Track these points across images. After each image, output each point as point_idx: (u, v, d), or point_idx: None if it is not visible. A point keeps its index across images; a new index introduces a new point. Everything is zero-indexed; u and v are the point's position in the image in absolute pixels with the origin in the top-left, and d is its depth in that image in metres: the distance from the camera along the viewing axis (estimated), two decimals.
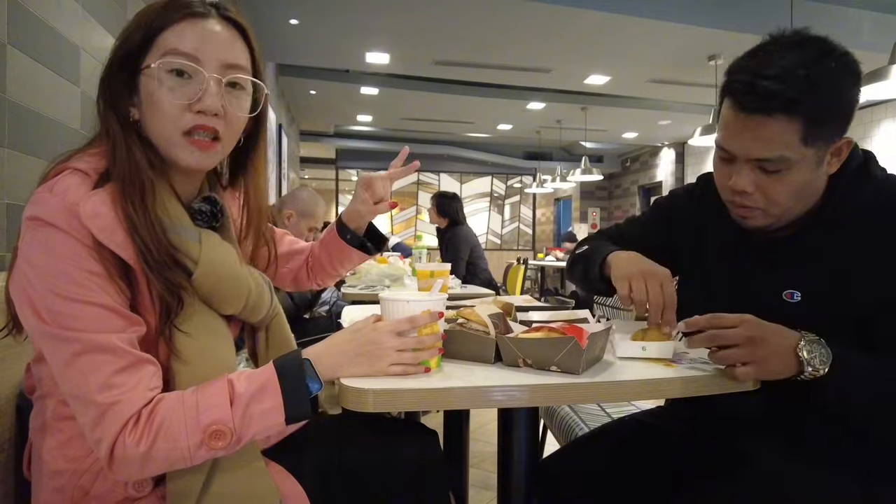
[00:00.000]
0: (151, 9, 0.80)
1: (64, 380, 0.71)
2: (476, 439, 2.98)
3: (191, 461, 0.73)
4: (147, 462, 0.71)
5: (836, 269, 0.93)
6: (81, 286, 0.71)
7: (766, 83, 0.86)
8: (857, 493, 0.91)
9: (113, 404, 0.69)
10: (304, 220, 2.61)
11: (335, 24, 5.18)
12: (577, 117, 8.76)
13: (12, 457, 0.96)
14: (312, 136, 10.61)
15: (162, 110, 0.78)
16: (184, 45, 0.78)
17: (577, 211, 12.48)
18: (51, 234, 0.71)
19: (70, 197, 0.72)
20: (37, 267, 0.71)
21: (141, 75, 0.79)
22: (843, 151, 0.94)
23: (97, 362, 0.70)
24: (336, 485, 0.91)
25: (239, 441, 0.74)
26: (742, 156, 0.92)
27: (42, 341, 0.72)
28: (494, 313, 0.99)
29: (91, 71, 1.91)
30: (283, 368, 0.77)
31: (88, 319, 0.70)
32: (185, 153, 0.80)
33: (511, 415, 0.96)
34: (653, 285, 0.97)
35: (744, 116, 0.89)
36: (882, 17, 5.13)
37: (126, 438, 0.69)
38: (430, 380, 0.84)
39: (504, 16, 4.94)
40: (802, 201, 0.95)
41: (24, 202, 0.75)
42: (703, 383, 0.87)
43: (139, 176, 0.77)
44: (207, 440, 0.72)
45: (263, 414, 0.74)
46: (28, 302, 0.71)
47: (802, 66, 0.86)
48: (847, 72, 0.90)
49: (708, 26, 4.94)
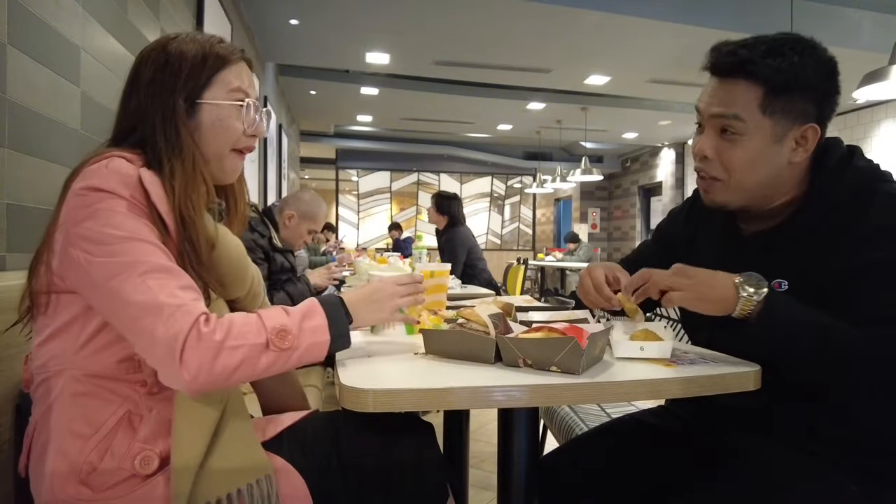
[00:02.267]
0: (206, 51, 0.96)
1: (131, 302, 0.77)
2: (476, 439, 2.98)
3: (256, 364, 0.80)
4: (220, 353, 0.77)
5: (821, 262, 0.94)
6: (138, 230, 0.81)
7: (733, 47, 0.96)
8: (855, 493, 0.91)
9: (181, 305, 0.78)
10: (304, 222, 2.61)
11: (335, 25, 5.18)
12: (577, 117, 8.76)
13: (12, 457, 0.96)
14: (312, 136, 10.62)
15: (228, 133, 0.97)
16: (243, 84, 0.99)
17: (577, 211, 12.48)
18: (106, 197, 0.81)
19: (125, 170, 0.84)
20: (92, 221, 0.80)
21: (202, 103, 0.95)
22: (808, 140, 0.96)
23: (164, 279, 0.79)
24: (335, 480, 0.92)
25: (297, 348, 0.83)
26: (705, 112, 1.00)
27: (102, 276, 0.78)
28: (494, 313, 0.99)
29: (91, 71, 1.91)
30: (322, 300, 0.91)
31: (149, 251, 0.81)
32: (231, 164, 1.00)
33: (511, 415, 0.96)
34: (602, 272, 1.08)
35: (715, 81, 0.99)
36: (882, 17, 5.13)
37: (202, 327, 0.77)
38: (430, 380, 0.85)
39: (504, 16, 4.94)
40: (765, 182, 0.99)
41: (25, 202, 0.76)
42: (702, 383, 0.87)
43: (201, 174, 0.94)
44: (273, 339, 0.81)
45: (314, 329, 0.86)
46: (84, 249, 0.79)
47: (769, 41, 0.95)
48: (814, 58, 0.95)
49: (708, 26, 4.94)
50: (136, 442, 0.84)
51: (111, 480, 0.82)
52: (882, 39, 4.70)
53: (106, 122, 2.07)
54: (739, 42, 0.96)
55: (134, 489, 0.83)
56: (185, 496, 0.81)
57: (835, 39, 5.14)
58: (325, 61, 6.41)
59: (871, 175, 0.97)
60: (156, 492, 0.83)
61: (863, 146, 7.32)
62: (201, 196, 0.92)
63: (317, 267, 2.87)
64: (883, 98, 4.22)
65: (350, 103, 8.36)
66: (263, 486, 0.86)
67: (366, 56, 6.03)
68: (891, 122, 6.91)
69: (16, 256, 1.45)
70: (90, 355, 0.85)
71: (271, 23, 5.09)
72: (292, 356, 0.83)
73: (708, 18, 4.94)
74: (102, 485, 0.82)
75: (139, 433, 0.85)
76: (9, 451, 0.96)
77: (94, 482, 0.82)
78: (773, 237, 1.01)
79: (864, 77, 3.27)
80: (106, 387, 0.85)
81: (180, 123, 0.92)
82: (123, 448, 0.83)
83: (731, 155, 0.97)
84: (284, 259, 2.53)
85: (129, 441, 0.84)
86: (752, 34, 0.99)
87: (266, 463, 0.88)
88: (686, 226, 1.20)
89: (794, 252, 0.98)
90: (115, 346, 0.85)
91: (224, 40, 1.00)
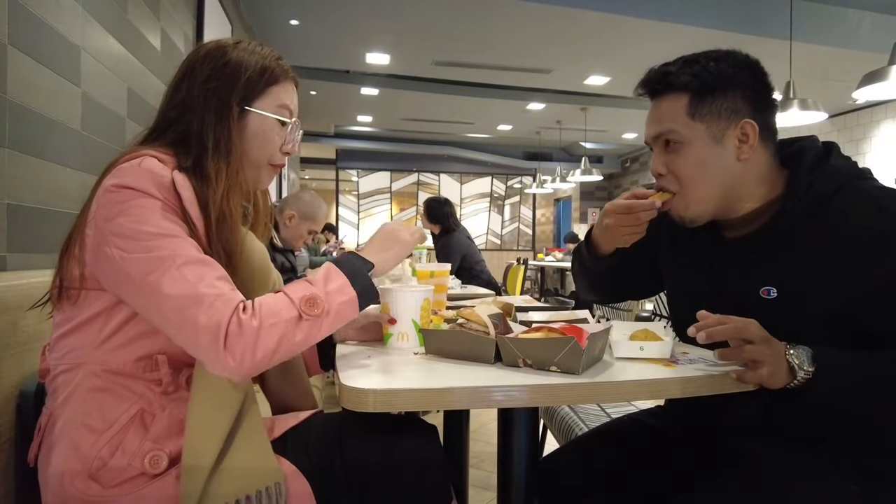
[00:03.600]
0: (266, 63, 0.99)
1: (171, 295, 0.78)
2: (476, 439, 2.98)
3: (294, 337, 0.82)
4: (259, 337, 0.79)
5: (812, 265, 0.94)
6: (171, 228, 0.83)
7: (656, 70, 1.04)
8: (855, 492, 0.91)
9: (220, 295, 0.80)
10: (304, 222, 2.62)
11: (335, 25, 5.18)
12: (576, 118, 8.76)
13: (13, 456, 0.96)
14: (312, 136, 10.61)
15: (267, 145, 0.99)
16: (292, 103, 1.02)
17: (577, 211, 12.47)
18: (139, 196, 0.82)
19: (158, 171, 0.85)
20: (125, 217, 0.81)
21: (251, 112, 0.97)
22: (749, 136, 0.99)
23: (201, 270, 0.81)
24: (337, 481, 0.92)
25: (328, 312, 0.85)
26: (649, 138, 1.06)
27: (138, 271, 0.80)
28: (494, 313, 0.99)
29: (91, 71, 1.91)
30: (337, 260, 0.93)
31: (184, 245, 0.82)
32: (267, 178, 1.04)
33: (511, 415, 0.96)
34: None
35: (651, 105, 1.06)
36: (882, 17, 5.13)
37: (241, 315, 0.79)
38: (430, 380, 0.85)
39: (504, 16, 4.94)
40: (723, 186, 1.00)
41: (25, 202, 0.76)
42: (702, 383, 0.87)
43: (244, 178, 0.97)
44: (304, 308, 0.83)
45: (339, 290, 0.87)
46: (118, 246, 0.80)
47: (688, 56, 1.02)
48: (730, 60, 1.00)
49: (708, 26, 4.93)
50: (147, 441, 0.84)
51: (120, 477, 0.83)
52: (882, 39, 4.69)
53: (106, 122, 2.08)
54: (663, 64, 1.04)
55: (141, 487, 0.83)
56: (194, 498, 0.81)
57: (835, 39, 5.14)
58: (326, 62, 6.42)
59: (850, 173, 0.98)
60: (163, 491, 0.83)
61: (863, 146, 7.37)
62: (241, 199, 0.95)
63: (317, 267, 2.87)
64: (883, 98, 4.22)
65: (350, 103, 8.36)
66: (273, 492, 0.85)
67: (366, 56, 6.03)
68: (891, 123, 6.91)
69: (16, 256, 1.45)
70: (110, 351, 0.86)
71: (271, 23, 5.10)
72: (325, 321, 0.85)
73: (708, 18, 4.94)
74: (111, 481, 0.82)
75: (151, 432, 0.85)
76: (10, 450, 0.96)
77: (104, 478, 0.82)
78: (757, 241, 1.01)
79: (864, 77, 3.27)
80: (122, 383, 0.86)
81: (233, 124, 0.95)
82: (134, 446, 0.84)
83: (679, 164, 1.01)
84: (285, 259, 2.53)
85: (141, 439, 0.84)
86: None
87: (276, 469, 0.88)
88: (672, 226, 1.15)
89: (781, 256, 0.98)
90: (136, 344, 0.86)
91: (282, 58, 1.03)
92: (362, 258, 0.94)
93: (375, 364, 0.94)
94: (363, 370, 0.89)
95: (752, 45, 0.95)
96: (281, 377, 1.10)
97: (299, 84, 1.07)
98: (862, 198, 0.93)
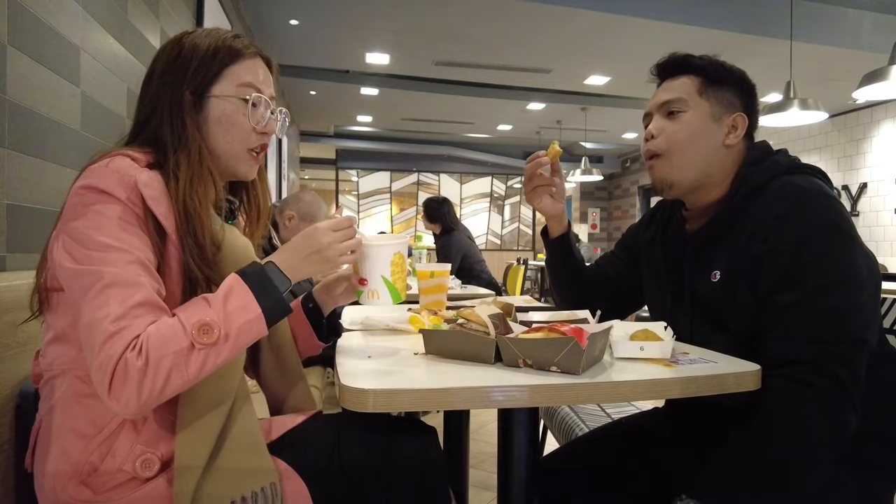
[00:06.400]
0: (218, 44, 0.94)
1: (82, 315, 0.77)
2: (476, 439, 2.98)
3: (187, 369, 0.76)
4: (145, 378, 0.74)
5: (744, 251, 1.01)
6: (122, 238, 0.79)
7: (674, 57, 1.15)
8: (850, 486, 0.91)
9: (119, 332, 0.74)
10: (304, 222, 2.62)
11: (335, 25, 5.18)
12: (577, 118, 8.76)
13: (12, 457, 0.96)
14: (312, 136, 10.61)
15: (235, 129, 0.95)
16: (256, 79, 0.96)
17: (577, 211, 12.48)
18: (103, 199, 0.80)
19: (125, 170, 0.83)
20: (83, 221, 0.79)
21: (210, 98, 0.93)
22: (738, 127, 1.10)
23: (124, 293, 0.76)
24: (336, 482, 0.91)
25: (227, 337, 0.78)
26: (655, 105, 1.15)
27: (74, 280, 0.78)
28: (494, 314, 0.99)
29: (91, 71, 1.91)
30: (243, 272, 0.84)
31: (121, 262, 0.78)
32: (246, 165, 0.98)
33: (511, 415, 0.96)
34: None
35: (662, 84, 1.16)
36: (882, 18, 5.12)
37: (128, 354, 0.74)
38: (430, 380, 0.85)
39: (504, 16, 4.94)
40: (703, 160, 1.09)
41: (25, 202, 0.76)
42: (702, 383, 0.87)
43: (208, 169, 0.92)
44: (197, 336, 0.76)
45: (240, 309, 0.80)
46: (67, 249, 0.79)
47: (692, 55, 1.14)
48: (735, 71, 1.13)
49: (708, 26, 4.93)
50: (138, 444, 0.84)
51: (111, 482, 0.82)
52: (882, 39, 4.69)
53: (106, 122, 2.07)
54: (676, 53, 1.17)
55: (133, 491, 0.83)
56: (188, 499, 0.80)
57: (835, 39, 5.14)
58: (325, 61, 6.41)
59: (787, 167, 1.05)
60: (156, 494, 0.83)
61: (863, 146, 7.36)
62: (208, 192, 0.91)
63: None
64: (883, 98, 4.22)
65: (350, 103, 8.36)
66: (268, 493, 0.85)
67: (366, 56, 6.03)
68: (891, 122, 6.90)
69: (16, 256, 1.45)
70: None
71: (271, 23, 5.09)
72: (223, 347, 0.78)
73: (708, 18, 4.93)
74: (102, 486, 0.82)
75: (141, 435, 0.84)
76: (9, 452, 0.96)
77: (95, 483, 0.82)
78: (707, 232, 1.11)
79: (864, 77, 3.27)
80: None
81: (186, 115, 0.92)
82: (125, 450, 0.83)
83: (675, 129, 1.10)
84: None
85: (131, 443, 0.84)
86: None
87: (272, 469, 0.87)
88: (646, 231, 1.30)
89: (723, 243, 1.07)
90: None
91: (241, 36, 0.98)
92: (276, 271, 0.87)
93: (375, 364, 0.94)
94: (363, 370, 0.89)
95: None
96: (278, 378, 1.10)
97: (270, 59, 1.01)
98: (781, 187, 1.01)
